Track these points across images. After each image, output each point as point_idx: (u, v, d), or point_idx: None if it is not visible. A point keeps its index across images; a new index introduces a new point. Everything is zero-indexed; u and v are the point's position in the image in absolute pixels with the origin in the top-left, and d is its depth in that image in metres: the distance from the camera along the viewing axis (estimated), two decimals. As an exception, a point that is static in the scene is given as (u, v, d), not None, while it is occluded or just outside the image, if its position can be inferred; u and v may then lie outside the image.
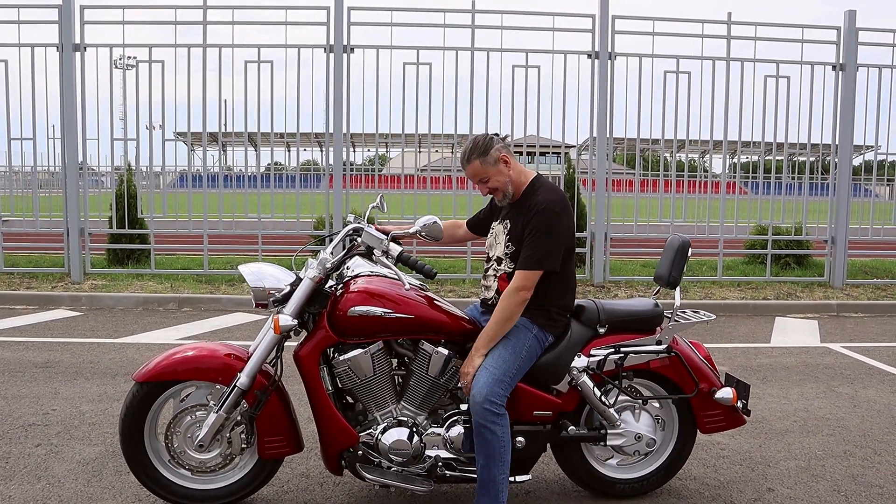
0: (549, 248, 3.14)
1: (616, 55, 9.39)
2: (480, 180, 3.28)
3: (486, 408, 3.01)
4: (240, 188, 10.28)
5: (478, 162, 3.23)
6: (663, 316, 3.51)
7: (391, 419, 3.23)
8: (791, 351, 6.92)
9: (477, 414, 3.03)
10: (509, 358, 3.14)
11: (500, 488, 3.09)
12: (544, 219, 3.13)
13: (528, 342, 3.21)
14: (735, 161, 10.28)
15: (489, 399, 3.02)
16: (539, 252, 3.12)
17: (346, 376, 3.18)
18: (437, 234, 3.15)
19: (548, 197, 3.19)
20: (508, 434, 3.10)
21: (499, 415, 3.05)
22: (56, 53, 9.20)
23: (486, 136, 3.28)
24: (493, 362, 3.12)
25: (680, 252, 3.55)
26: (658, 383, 3.53)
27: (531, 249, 3.14)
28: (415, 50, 9.24)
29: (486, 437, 3.04)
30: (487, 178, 3.26)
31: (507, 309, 3.13)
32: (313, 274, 3.10)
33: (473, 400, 3.04)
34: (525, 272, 3.13)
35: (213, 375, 3.17)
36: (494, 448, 3.05)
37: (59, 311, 8.17)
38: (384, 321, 3.12)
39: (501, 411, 3.06)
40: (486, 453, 3.07)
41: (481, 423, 3.03)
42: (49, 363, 5.87)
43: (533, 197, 3.23)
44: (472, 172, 3.28)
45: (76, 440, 4.19)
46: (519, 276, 3.14)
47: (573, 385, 3.33)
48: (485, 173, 3.24)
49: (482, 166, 3.23)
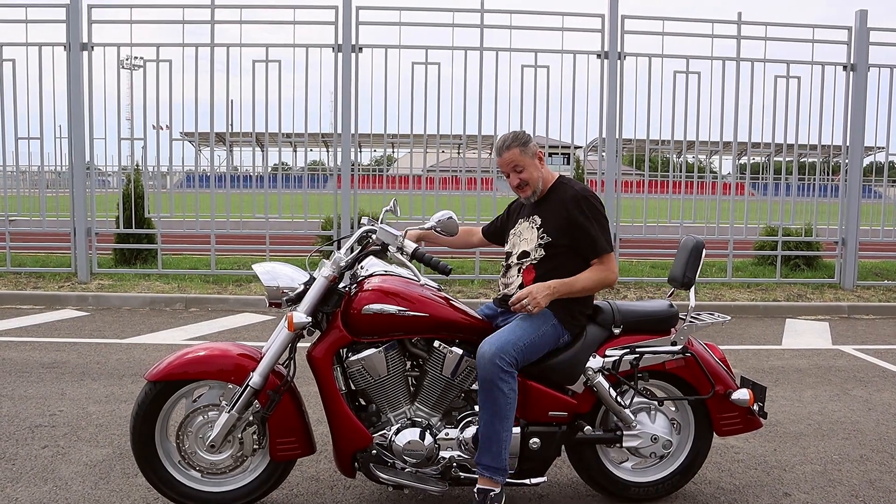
0: (607, 230, 3.26)
1: (625, 55, 9.34)
2: (515, 169, 3.30)
3: (495, 363, 3.00)
4: (247, 188, 10.25)
5: (517, 150, 3.27)
6: (678, 317, 3.47)
7: (405, 420, 3.19)
8: (803, 353, 6.85)
9: (485, 369, 3.02)
10: (526, 328, 3.14)
11: (502, 446, 3.07)
12: (591, 204, 3.24)
13: (545, 327, 3.19)
14: (741, 162, 10.20)
15: (499, 355, 3.01)
16: (605, 234, 3.23)
17: (359, 376, 3.13)
18: (452, 229, 3.11)
19: (581, 187, 3.32)
20: (515, 393, 3.08)
21: (507, 372, 3.03)
22: (63, 53, 9.19)
23: (523, 131, 3.39)
24: (507, 329, 3.14)
25: (694, 253, 3.50)
26: (673, 384, 3.48)
27: (596, 234, 3.22)
28: (423, 49, 9.20)
29: (492, 394, 3.02)
30: (523, 168, 3.29)
31: (595, 279, 3.23)
32: (328, 273, 3.06)
33: (483, 356, 3.02)
34: (603, 257, 3.24)
35: (226, 375, 3.13)
36: (500, 404, 3.03)
37: (65, 311, 8.15)
38: (398, 320, 3.08)
39: (510, 370, 3.04)
40: (490, 409, 3.04)
41: (488, 379, 3.01)
42: (56, 363, 5.84)
43: (562, 191, 3.32)
44: (508, 159, 3.29)
45: (83, 442, 4.16)
46: (601, 262, 3.24)
47: (588, 386, 3.29)
48: (521, 162, 3.28)
49: (521, 155, 3.28)
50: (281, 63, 9.25)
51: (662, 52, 9.36)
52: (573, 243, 3.25)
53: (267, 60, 9.21)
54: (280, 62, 9.25)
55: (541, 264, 3.28)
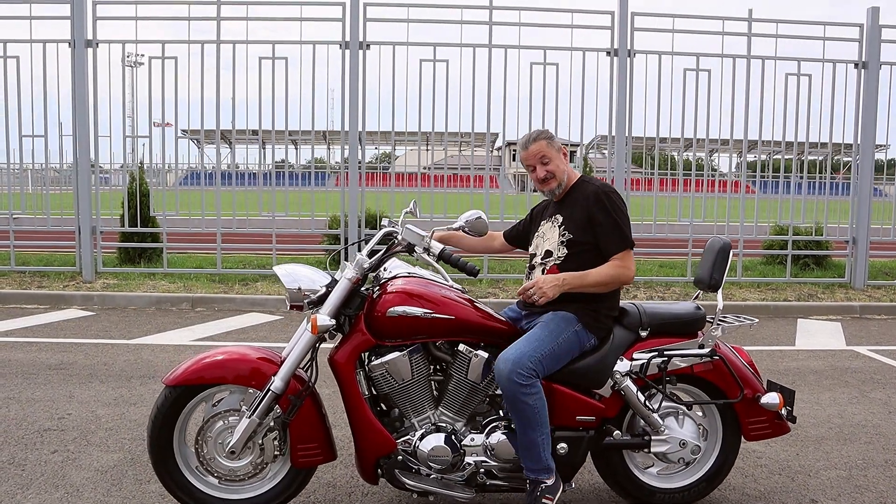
0: (627, 226, 3.20)
1: (635, 52, 9.25)
2: (542, 160, 3.27)
3: (513, 380, 2.92)
4: (252, 186, 10.17)
5: (545, 142, 3.28)
6: (706, 319, 3.39)
7: (429, 425, 3.11)
8: (817, 354, 6.78)
9: (505, 387, 2.95)
10: (544, 338, 3.05)
11: (541, 448, 3.02)
12: (612, 200, 3.19)
13: (567, 333, 3.11)
14: (743, 160, 10.11)
15: (516, 371, 2.92)
16: (624, 230, 3.17)
17: (383, 380, 3.05)
18: (481, 229, 3.03)
19: (602, 183, 3.29)
20: (542, 398, 3.00)
21: (526, 385, 2.94)
22: (68, 49, 9.10)
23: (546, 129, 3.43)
24: (524, 340, 3.05)
25: (721, 254, 3.43)
26: (701, 388, 3.41)
27: (616, 230, 3.17)
28: (431, 47, 9.11)
29: (518, 408, 2.97)
30: (549, 160, 3.27)
31: (609, 275, 3.15)
32: (351, 274, 2.98)
33: (500, 373, 2.95)
34: (622, 254, 3.17)
35: (245, 379, 3.05)
36: (529, 415, 2.97)
37: (71, 311, 8.06)
38: (423, 322, 3.00)
39: (529, 381, 2.95)
40: (521, 420, 2.99)
41: (511, 395, 2.95)
42: (63, 365, 5.76)
43: (584, 188, 3.30)
44: (535, 150, 3.27)
45: (93, 446, 4.07)
46: (618, 258, 3.16)
47: (616, 390, 3.21)
48: (549, 154, 3.27)
49: (548, 146, 3.28)
50: (288, 60, 9.18)
51: (672, 50, 9.28)
52: (594, 240, 3.19)
53: (273, 58, 9.12)
54: (287, 59, 9.18)
55: (564, 264, 3.21)
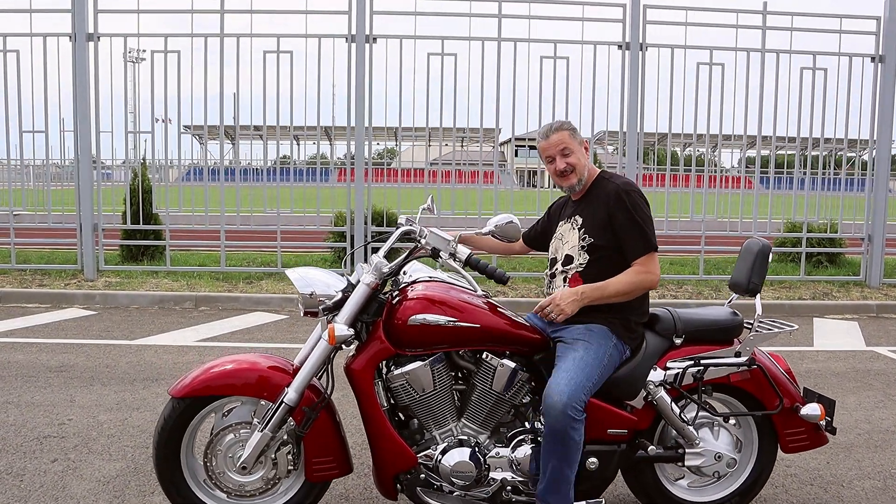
0: (651, 227, 3.01)
1: (647, 46, 9.06)
2: (563, 152, 3.07)
3: (568, 413, 2.72)
4: (256, 181, 9.99)
5: (568, 133, 3.09)
6: (743, 326, 3.22)
7: (452, 438, 2.94)
8: (837, 355, 6.60)
9: (557, 420, 2.74)
10: (592, 363, 2.86)
11: (569, 486, 2.85)
12: (633, 199, 2.99)
13: (609, 350, 2.93)
14: (757, 156, 9.92)
15: (572, 405, 2.73)
16: (647, 232, 2.99)
17: (402, 391, 2.88)
18: (513, 234, 2.85)
19: (624, 181, 3.10)
20: (583, 436, 2.83)
21: (579, 420, 2.77)
22: (69, 43, 8.91)
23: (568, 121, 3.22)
24: (574, 366, 2.84)
25: (760, 256, 3.26)
26: (737, 398, 3.23)
27: (638, 232, 2.98)
28: (439, 40, 8.92)
29: (565, 442, 2.77)
30: (571, 152, 3.08)
31: (630, 283, 2.96)
32: (369, 279, 2.80)
33: (553, 405, 2.73)
34: (644, 258, 2.97)
35: (256, 390, 2.88)
36: (571, 451, 2.79)
37: (72, 310, 7.89)
38: (446, 331, 2.83)
39: (581, 416, 2.79)
40: (560, 456, 2.79)
41: (560, 429, 2.74)
42: (64, 367, 5.59)
43: (604, 186, 3.09)
44: (557, 140, 3.08)
45: (95, 454, 3.90)
46: (640, 263, 2.97)
47: (649, 400, 3.04)
48: (570, 145, 3.08)
49: (571, 138, 3.09)
50: (293, 54, 8.98)
51: (685, 43, 9.09)
52: (616, 242, 3.00)
53: (278, 51, 8.93)
54: (292, 53, 8.98)
55: (587, 271, 3.02)
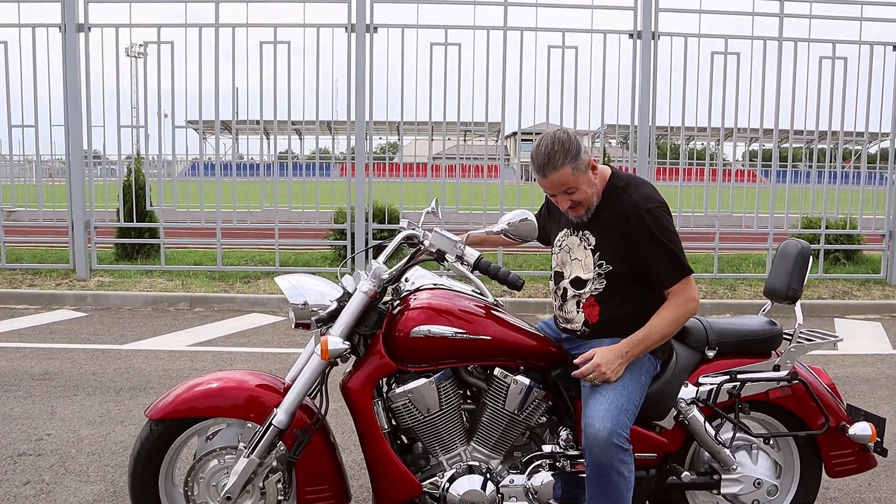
0: (680, 248, 2.62)
1: (660, 35, 8.71)
2: (566, 191, 2.56)
3: (614, 443, 2.40)
4: (254, 177, 9.68)
5: (570, 169, 2.50)
6: (782, 336, 2.90)
7: (460, 464, 2.62)
8: (864, 359, 6.27)
9: (602, 453, 2.41)
10: (632, 384, 2.54)
11: None
12: (658, 220, 2.56)
13: (645, 367, 2.61)
14: (774, 149, 9.55)
15: (617, 433, 2.41)
16: (679, 256, 2.59)
17: (405, 412, 2.56)
18: (527, 233, 2.49)
19: (643, 194, 2.60)
20: (633, 473, 2.49)
21: (626, 450, 2.45)
22: (59, 34, 8.58)
23: (567, 133, 2.55)
24: (612, 388, 2.51)
25: (800, 260, 2.92)
26: (776, 417, 2.91)
27: (668, 258, 2.57)
28: (443, 29, 8.57)
29: (612, 482, 2.44)
30: (575, 189, 2.55)
31: (675, 321, 2.60)
32: (367, 287, 2.48)
33: (596, 437, 2.41)
34: (681, 284, 2.60)
35: (243, 412, 2.57)
36: (622, 489, 2.45)
37: (62, 312, 7.58)
38: (454, 344, 2.51)
39: (629, 447, 2.46)
40: (606, 495, 2.46)
41: (607, 464, 2.42)
42: (48, 374, 5.28)
43: (621, 199, 2.60)
44: (558, 182, 2.52)
45: (72, 475, 3.59)
46: (680, 290, 2.59)
47: (680, 420, 2.72)
48: (575, 183, 2.53)
49: (574, 175, 2.51)
50: (290, 44, 8.65)
51: (699, 32, 8.74)
52: (637, 266, 2.61)
53: (275, 42, 8.59)
54: (289, 43, 8.65)
55: (603, 296, 2.64)
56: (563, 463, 2.66)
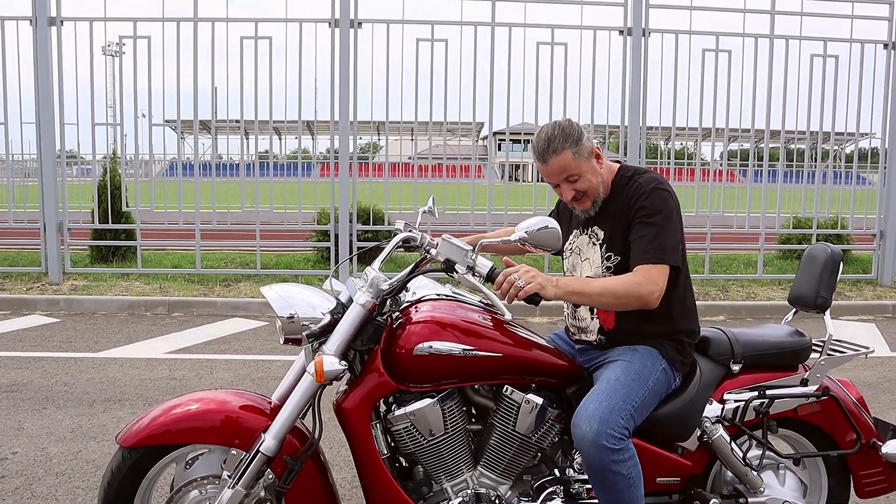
0: (668, 235, 2.34)
1: (650, 31, 8.53)
2: (568, 179, 2.43)
3: (603, 444, 2.19)
4: (233, 177, 9.37)
5: (570, 153, 2.38)
6: (811, 348, 2.70)
7: (467, 492, 2.39)
8: (863, 363, 6.10)
9: (590, 455, 2.21)
10: (631, 384, 2.32)
11: None
12: (655, 200, 2.36)
13: (655, 374, 2.39)
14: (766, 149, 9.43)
15: (605, 433, 2.20)
16: (661, 237, 2.33)
17: (406, 435, 2.33)
18: (551, 244, 2.20)
19: (650, 177, 2.45)
20: (637, 463, 2.28)
21: (619, 449, 2.23)
22: (29, 28, 8.23)
23: (569, 120, 2.44)
24: (607, 387, 2.31)
25: (830, 266, 2.73)
26: (803, 434, 2.71)
27: (652, 236, 2.33)
28: (429, 25, 8.34)
29: (607, 480, 2.24)
30: (578, 177, 2.42)
31: (621, 295, 2.29)
32: (365, 299, 2.24)
33: (583, 438, 2.21)
34: (645, 266, 2.32)
35: (226, 437, 2.31)
36: (622, 489, 2.25)
37: (33, 318, 7.25)
38: (460, 361, 2.28)
39: (622, 445, 2.24)
40: (610, 497, 2.27)
41: (599, 466, 2.22)
42: (15, 385, 4.98)
43: (628, 186, 2.45)
44: (559, 167, 2.40)
45: (38, 499, 3.31)
46: (646, 270, 2.32)
47: (704, 440, 2.51)
48: (577, 169, 2.41)
49: (575, 160, 2.39)
50: (272, 40, 8.37)
51: (690, 29, 8.58)
52: None
53: (256, 37, 8.31)
54: (271, 39, 8.37)
55: None
56: (577, 488, 2.44)
